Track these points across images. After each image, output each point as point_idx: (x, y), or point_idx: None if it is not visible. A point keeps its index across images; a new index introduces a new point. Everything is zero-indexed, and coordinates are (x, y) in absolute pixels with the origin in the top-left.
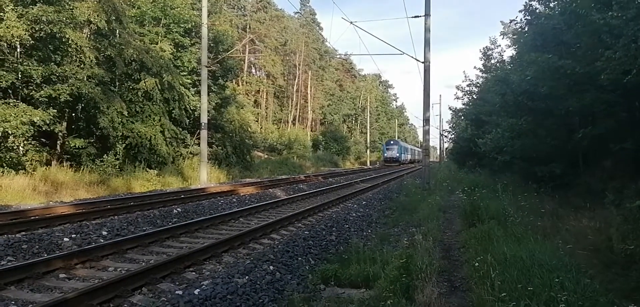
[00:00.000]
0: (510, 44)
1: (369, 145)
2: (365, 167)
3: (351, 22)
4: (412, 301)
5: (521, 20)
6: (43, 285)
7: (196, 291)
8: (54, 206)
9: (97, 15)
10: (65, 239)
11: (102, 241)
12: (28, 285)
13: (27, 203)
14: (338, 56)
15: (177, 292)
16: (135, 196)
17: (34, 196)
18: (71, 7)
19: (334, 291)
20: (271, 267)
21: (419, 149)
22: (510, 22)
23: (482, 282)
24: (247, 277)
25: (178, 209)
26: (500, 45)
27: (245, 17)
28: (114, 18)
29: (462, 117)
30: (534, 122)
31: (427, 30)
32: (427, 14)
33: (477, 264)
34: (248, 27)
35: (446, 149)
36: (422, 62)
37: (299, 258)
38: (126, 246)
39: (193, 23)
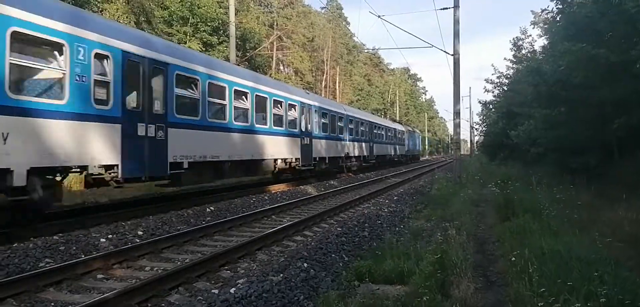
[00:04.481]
0: (541, 33)
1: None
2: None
3: (379, 16)
4: (448, 297)
5: (553, 9)
6: (81, 286)
7: (232, 290)
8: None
9: (127, 17)
10: (102, 239)
11: (137, 240)
12: (66, 286)
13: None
14: (366, 51)
15: (213, 291)
16: (167, 195)
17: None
18: (100, 9)
19: (368, 288)
20: (305, 265)
21: (402, 128)
22: (542, 11)
23: (519, 277)
24: (281, 275)
25: (211, 208)
26: (530, 35)
27: (272, 14)
28: (143, 19)
29: (493, 110)
30: (568, 113)
31: (456, 22)
32: (456, 6)
33: (513, 258)
34: (275, 24)
35: (476, 142)
36: (452, 55)
37: (333, 255)
38: (162, 245)
39: (220, 21)
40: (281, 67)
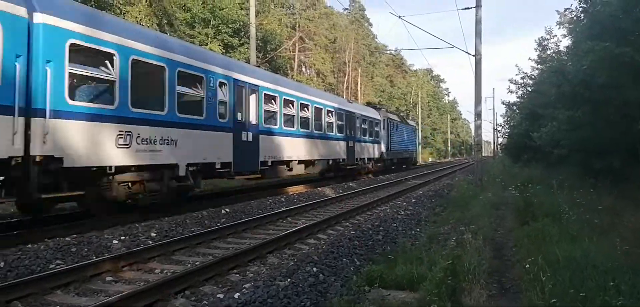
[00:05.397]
0: (566, 33)
1: (420, 141)
2: (417, 163)
3: (399, 17)
4: (459, 305)
5: (577, 8)
6: (89, 288)
7: (236, 295)
8: None
9: (149, 20)
10: (115, 241)
11: (150, 242)
12: (74, 289)
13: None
14: (388, 52)
15: (218, 295)
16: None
17: None
18: (123, 12)
19: (379, 293)
20: (314, 269)
21: (376, 116)
22: (565, 10)
23: (532, 286)
24: (289, 279)
25: (227, 209)
26: (555, 35)
27: (294, 15)
28: (165, 22)
29: (517, 111)
30: (591, 114)
31: (478, 22)
32: (478, 5)
33: (528, 265)
34: (297, 25)
35: (500, 143)
36: (473, 55)
37: (344, 259)
38: (173, 247)
39: (241, 23)
40: (303, 69)
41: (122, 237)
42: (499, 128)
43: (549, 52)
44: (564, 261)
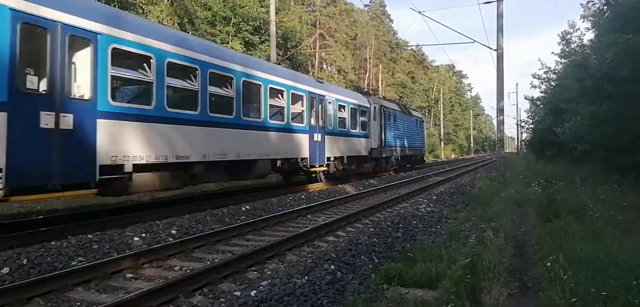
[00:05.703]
0: (590, 27)
1: (442, 137)
2: (439, 160)
3: (420, 12)
4: (478, 304)
5: (600, 0)
6: (109, 285)
7: (252, 293)
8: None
9: (170, 19)
10: (136, 238)
11: (170, 239)
12: (95, 286)
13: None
14: (409, 48)
15: (235, 292)
16: (206, 193)
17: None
18: (145, 12)
19: (397, 291)
20: (332, 267)
21: (360, 102)
22: (588, 3)
23: (553, 284)
24: (306, 277)
25: (247, 207)
26: (579, 29)
27: (314, 12)
28: (186, 20)
29: (541, 106)
30: (615, 108)
31: (499, 16)
32: None
33: (549, 263)
34: (318, 22)
35: (523, 139)
36: (495, 50)
37: (362, 256)
38: (193, 245)
39: (262, 20)
40: (324, 66)
41: (143, 235)
42: (523, 124)
43: (572, 46)
44: (586, 259)
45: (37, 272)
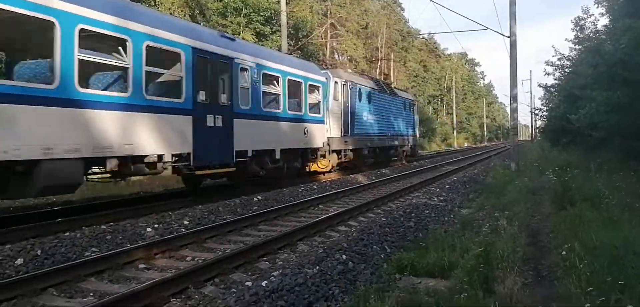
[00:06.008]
0: (604, 12)
1: (455, 126)
2: (451, 148)
3: (431, 0)
4: (492, 293)
5: None
6: (122, 276)
7: (264, 283)
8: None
9: (181, 11)
10: (148, 229)
11: (183, 230)
12: (108, 276)
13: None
14: (421, 36)
15: (246, 283)
16: (217, 184)
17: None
18: (157, 3)
19: (409, 281)
20: (344, 256)
21: (302, 74)
22: None
23: (568, 273)
24: (317, 267)
25: (259, 197)
26: (593, 14)
27: (325, 2)
28: (198, 12)
29: (555, 93)
30: (630, 95)
31: (512, 2)
32: None
33: (564, 252)
34: (329, 12)
35: (538, 127)
36: (508, 37)
37: (374, 246)
38: (205, 235)
39: (273, 11)
40: (335, 55)
41: (156, 225)
42: (537, 111)
43: (586, 32)
44: (602, 247)
45: (51, 262)
